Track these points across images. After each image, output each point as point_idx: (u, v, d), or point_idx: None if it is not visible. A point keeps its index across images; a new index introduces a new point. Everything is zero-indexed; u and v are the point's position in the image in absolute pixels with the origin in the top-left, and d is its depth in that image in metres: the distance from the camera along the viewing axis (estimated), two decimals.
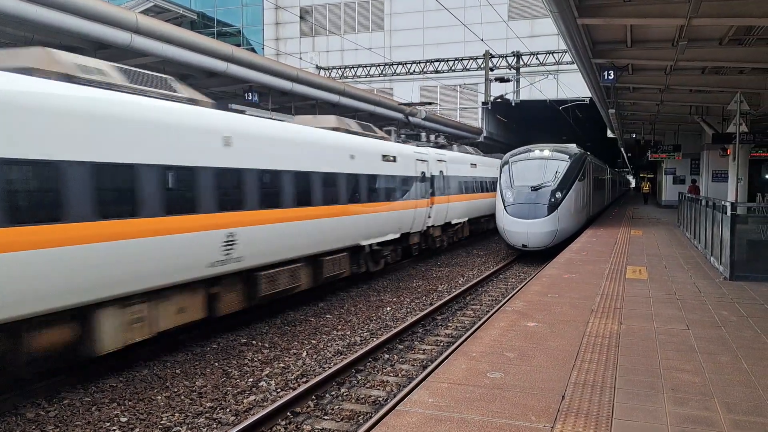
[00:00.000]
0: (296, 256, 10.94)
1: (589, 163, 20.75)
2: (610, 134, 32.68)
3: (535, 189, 17.50)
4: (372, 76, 35.53)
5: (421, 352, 9.06)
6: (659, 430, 4.07)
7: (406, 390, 7.14)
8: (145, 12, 25.31)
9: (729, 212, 9.93)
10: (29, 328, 6.59)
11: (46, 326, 6.75)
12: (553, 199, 17.19)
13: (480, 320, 10.35)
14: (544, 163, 18.13)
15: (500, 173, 18.86)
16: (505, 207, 17.76)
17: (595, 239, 16.75)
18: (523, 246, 17.49)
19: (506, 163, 18.87)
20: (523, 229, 17.22)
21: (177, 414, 6.88)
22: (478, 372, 5.25)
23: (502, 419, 4.27)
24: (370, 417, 6.56)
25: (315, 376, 7.97)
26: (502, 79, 26.52)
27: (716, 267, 10.78)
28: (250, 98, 16.54)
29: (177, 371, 8.40)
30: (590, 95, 20.00)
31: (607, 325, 6.82)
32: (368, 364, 8.45)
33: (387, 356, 8.80)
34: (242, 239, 9.21)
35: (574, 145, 20.12)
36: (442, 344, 9.41)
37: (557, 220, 17.08)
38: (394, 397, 7.13)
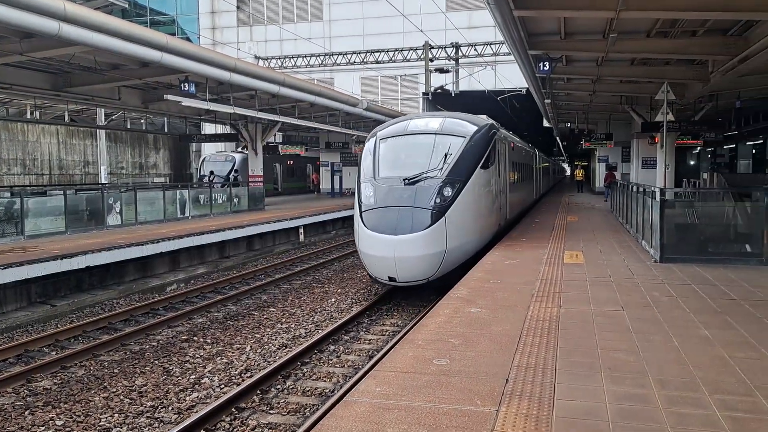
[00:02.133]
0: None
1: (502, 142, 13.95)
2: (546, 124, 33.54)
3: (410, 183, 10.69)
4: (312, 66, 35.20)
5: (367, 342, 9.08)
6: (598, 409, 4.22)
7: (353, 380, 7.14)
8: (74, 0, 24.21)
9: (658, 198, 10.36)
10: None
11: None
12: (438, 200, 10.46)
13: (426, 308, 10.46)
14: (428, 141, 11.48)
15: (361, 157, 12.15)
16: (361, 213, 10.82)
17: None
18: (390, 279, 10.45)
19: (373, 141, 12.08)
20: (387, 252, 10.10)
21: (116, 415, 6.67)
22: (425, 359, 5.30)
23: (449, 405, 4.32)
24: (317, 409, 6.54)
25: (259, 370, 7.88)
26: (441, 70, 26.78)
27: (647, 250, 11.25)
28: (186, 89, 16.07)
29: (115, 371, 8.14)
30: (527, 86, 20.44)
31: (547, 308, 7.01)
32: (314, 356, 8.42)
33: (333, 347, 8.78)
34: None
35: (484, 117, 13.53)
36: (388, 333, 9.46)
37: (445, 235, 10.31)
38: (341, 388, 7.12)
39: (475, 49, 30.40)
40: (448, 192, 10.59)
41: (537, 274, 9.21)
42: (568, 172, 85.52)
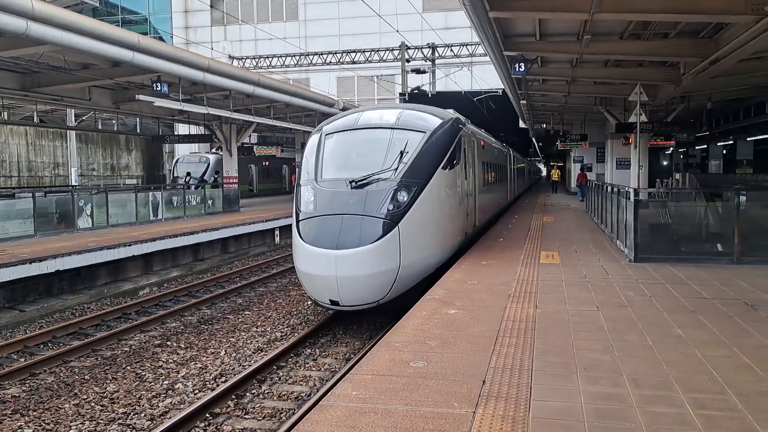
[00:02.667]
0: None
1: (470, 139, 12.38)
2: (522, 125, 33.79)
3: (357, 186, 9.11)
4: (288, 66, 34.99)
5: (344, 344, 9.02)
6: (574, 409, 4.22)
7: (329, 384, 7.08)
8: None
9: (632, 198, 10.47)
10: None
11: None
12: (391, 206, 8.88)
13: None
14: (382, 136, 9.93)
15: (304, 155, 10.45)
16: (298, 223, 9.26)
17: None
18: (332, 303, 8.84)
19: (317, 136, 10.44)
20: (327, 270, 8.48)
21: (87, 422, 6.52)
22: (402, 362, 5.27)
23: (426, 407, 4.29)
24: (293, 413, 6.46)
25: (234, 374, 7.77)
26: (418, 71, 26.83)
27: (622, 250, 11.37)
28: (158, 89, 15.84)
29: (86, 377, 7.96)
30: (503, 87, 20.56)
31: (523, 309, 7.03)
32: (290, 359, 8.33)
33: (309, 351, 8.70)
34: None
35: (451, 111, 11.83)
36: (365, 336, 9.41)
37: (398, 249, 8.72)
38: (317, 392, 7.05)
39: (452, 50, 30.51)
40: (403, 197, 8.99)
41: (514, 274, 9.24)
42: (545, 173, 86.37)
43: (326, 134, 10.29)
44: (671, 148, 41.70)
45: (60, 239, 14.55)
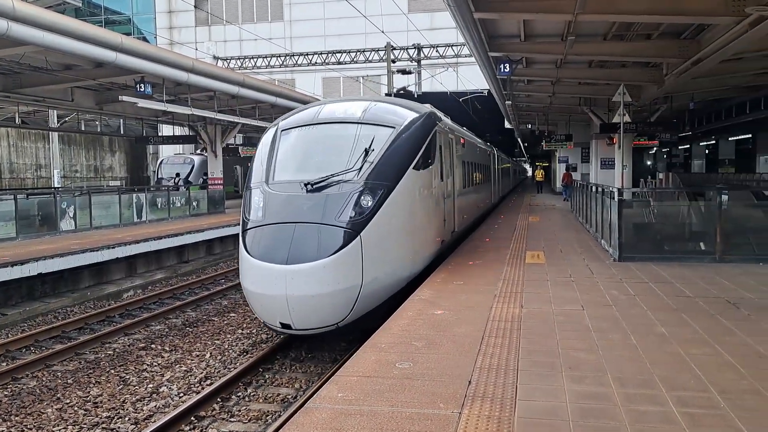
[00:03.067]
0: None
1: (447, 136, 11.22)
2: (508, 125, 33.94)
3: (314, 189, 7.96)
4: (273, 67, 34.82)
5: (330, 347, 8.98)
6: (559, 408, 4.24)
7: (315, 386, 7.06)
8: None
9: (616, 197, 10.54)
10: None
11: None
12: (352, 212, 7.74)
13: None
14: (346, 132, 8.81)
15: (256, 154, 9.18)
16: (244, 233, 8.08)
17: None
18: (283, 326, 7.58)
19: (272, 132, 9.24)
20: (277, 288, 7.28)
21: (70, 427, 6.45)
22: (388, 363, 5.26)
23: (412, 408, 4.29)
24: (279, 416, 6.43)
25: (220, 377, 7.72)
26: (404, 71, 26.83)
27: (607, 249, 11.44)
28: (142, 90, 15.71)
29: (69, 381, 7.87)
30: (489, 87, 20.64)
31: (509, 309, 7.04)
32: (277, 361, 8.29)
33: (295, 353, 8.66)
34: None
35: (428, 105, 10.81)
36: (351, 337, 9.38)
37: (360, 262, 7.56)
38: (303, 394, 7.03)
39: (437, 51, 30.56)
40: (367, 201, 7.79)
41: (500, 274, 9.26)
42: (530, 173, 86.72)
43: (282, 130, 9.07)
44: (655, 148, 42.13)
45: (42, 242, 14.38)
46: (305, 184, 7.94)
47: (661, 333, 6.01)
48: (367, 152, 8.32)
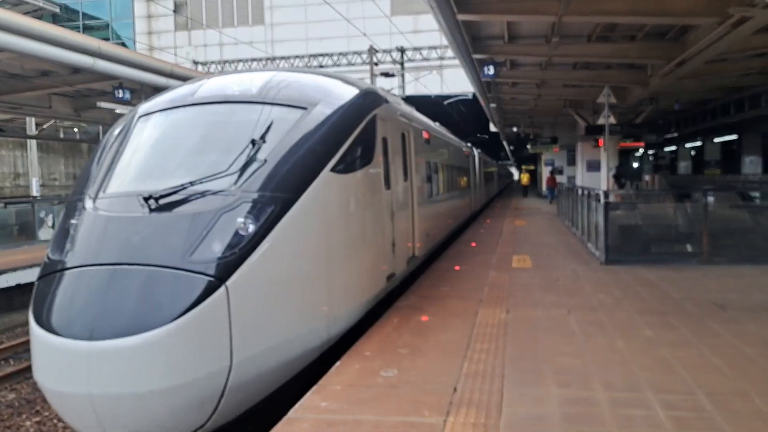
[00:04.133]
0: None
1: (398, 125, 8.13)
2: (493, 128, 34.01)
3: (158, 207, 4.87)
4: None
5: None
6: (545, 414, 4.16)
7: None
8: (0, 4, 23.16)
9: (602, 200, 10.51)
10: None
11: None
12: (217, 245, 4.63)
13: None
14: (230, 117, 5.89)
15: (94, 152, 6.07)
16: (36, 285, 4.80)
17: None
18: None
19: (127, 119, 6.26)
20: (75, 385, 4.12)
21: None
22: (372, 371, 5.15)
23: (397, 417, 4.19)
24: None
25: None
26: (387, 74, 26.83)
27: (593, 252, 11.40)
28: (120, 96, 15.55)
29: None
30: (473, 90, 20.63)
31: (495, 314, 6.96)
32: None
33: None
34: None
35: (367, 82, 9.15)
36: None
37: (228, 331, 4.44)
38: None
39: (421, 54, 30.58)
40: (245, 225, 4.80)
41: (486, 279, 9.19)
42: (517, 176, 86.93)
43: (140, 116, 6.13)
44: (641, 150, 42.39)
45: (20, 251, 14.14)
46: (145, 199, 4.90)
47: (647, 336, 5.96)
48: (255, 145, 5.35)
